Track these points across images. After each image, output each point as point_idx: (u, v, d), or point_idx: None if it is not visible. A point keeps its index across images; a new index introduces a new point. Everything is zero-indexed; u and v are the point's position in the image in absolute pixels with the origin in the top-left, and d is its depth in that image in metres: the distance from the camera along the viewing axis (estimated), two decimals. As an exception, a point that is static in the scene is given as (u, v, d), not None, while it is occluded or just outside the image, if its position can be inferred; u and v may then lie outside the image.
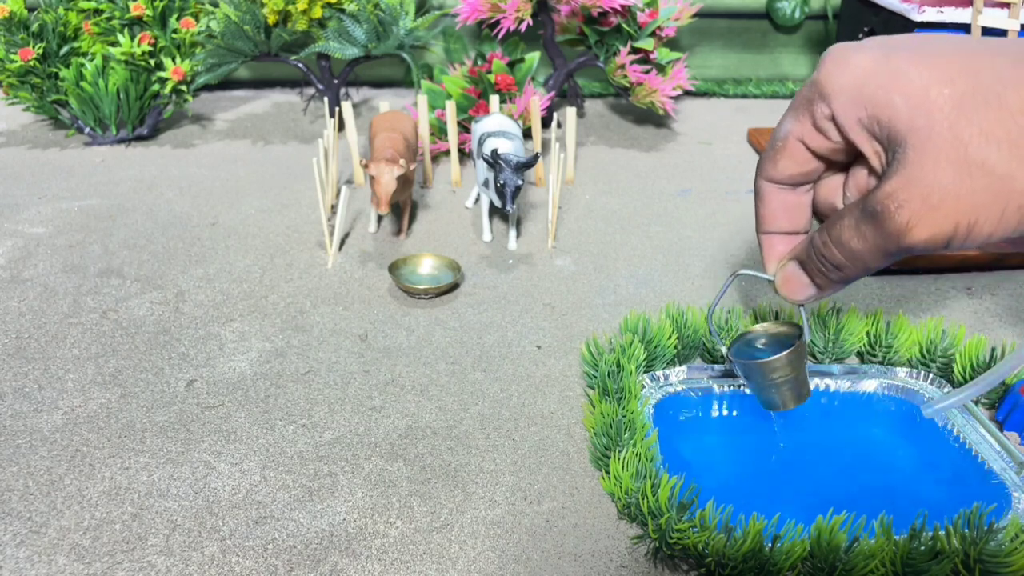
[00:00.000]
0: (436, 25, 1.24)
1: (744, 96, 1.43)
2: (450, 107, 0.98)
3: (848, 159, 0.41)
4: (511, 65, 1.14)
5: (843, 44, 0.37)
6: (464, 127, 1.08)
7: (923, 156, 0.33)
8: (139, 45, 1.08)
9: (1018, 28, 0.82)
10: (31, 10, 1.12)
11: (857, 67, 0.36)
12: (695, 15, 1.19)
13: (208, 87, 1.35)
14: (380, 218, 0.90)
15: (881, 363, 0.66)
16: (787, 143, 0.40)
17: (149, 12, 1.09)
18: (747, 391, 0.64)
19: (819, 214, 0.44)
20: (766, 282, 0.47)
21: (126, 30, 1.09)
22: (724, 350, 0.53)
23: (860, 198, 0.38)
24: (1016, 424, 0.59)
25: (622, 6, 1.08)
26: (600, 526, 0.51)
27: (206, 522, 0.51)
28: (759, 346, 0.54)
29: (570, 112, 0.99)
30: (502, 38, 1.15)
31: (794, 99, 0.40)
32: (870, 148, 0.37)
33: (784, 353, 0.50)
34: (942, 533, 0.46)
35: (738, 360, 0.52)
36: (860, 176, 0.41)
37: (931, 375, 0.64)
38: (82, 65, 1.09)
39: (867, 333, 0.67)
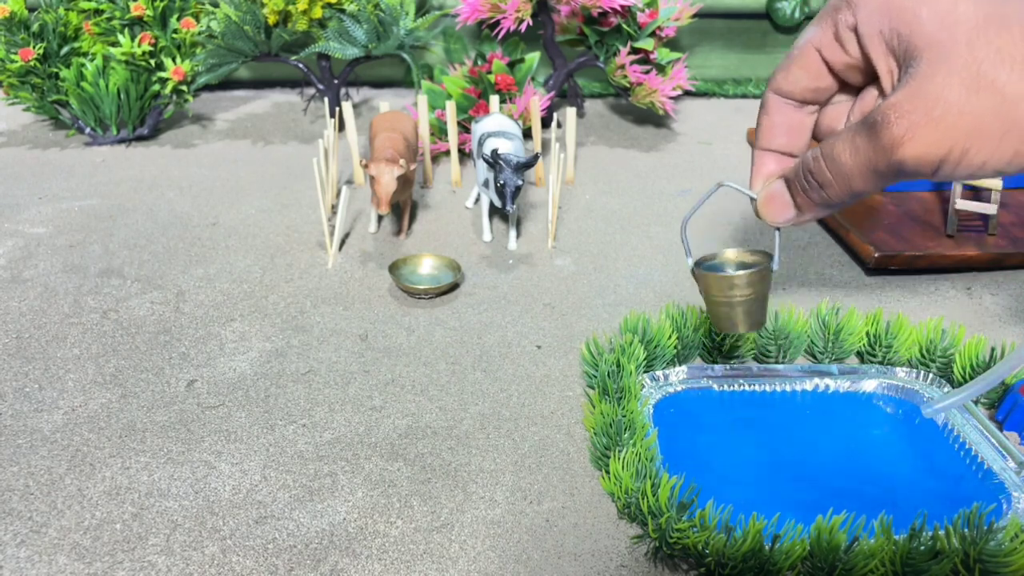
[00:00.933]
0: (436, 25, 1.24)
1: (744, 96, 1.43)
2: (450, 107, 0.98)
3: (859, 82, 0.40)
4: (511, 65, 1.14)
5: None
6: (464, 127, 1.08)
7: (936, 69, 0.33)
8: (139, 45, 1.08)
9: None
10: (32, 10, 1.12)
11: None
12: (695, 15, 1.19)
13: (208, 87, 1.35)
14: (380, 218, 0.90)
15: (881, 363, 0.66)
16: (804, 51, 0.39)
17: (149, 12, 1.09)
18: (747, 389, 0.64)
19: (823, 135, 0.43)
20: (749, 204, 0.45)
21: (126, 30, 1.09)
22: (690, 262, 0.51)
23: (861, 116, 0.37)
24: (1016, 424, 0.59)
25: (622, 6, 1.08)
26: (600, 526, 0.52)
27: (206, 522, 0.51)
28: (726, 267, 0.52)
29: (570, 112, 0.99)
30: (502, 38, 1.15)
31: (821, 10, 0.39)
32: (884, 65, 0.36)
33: (748, 271, 0.48)
34: (942, 533, 0.47)
35: (702, 271, 0.50)
36: (867, 102, 0.40)
37: (931, 375, 0.64)
38: (83, 65, 1.09)
39: (867, 333, 0.67)
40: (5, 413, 0.61)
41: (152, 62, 1.10)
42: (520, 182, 0.79)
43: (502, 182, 0.78)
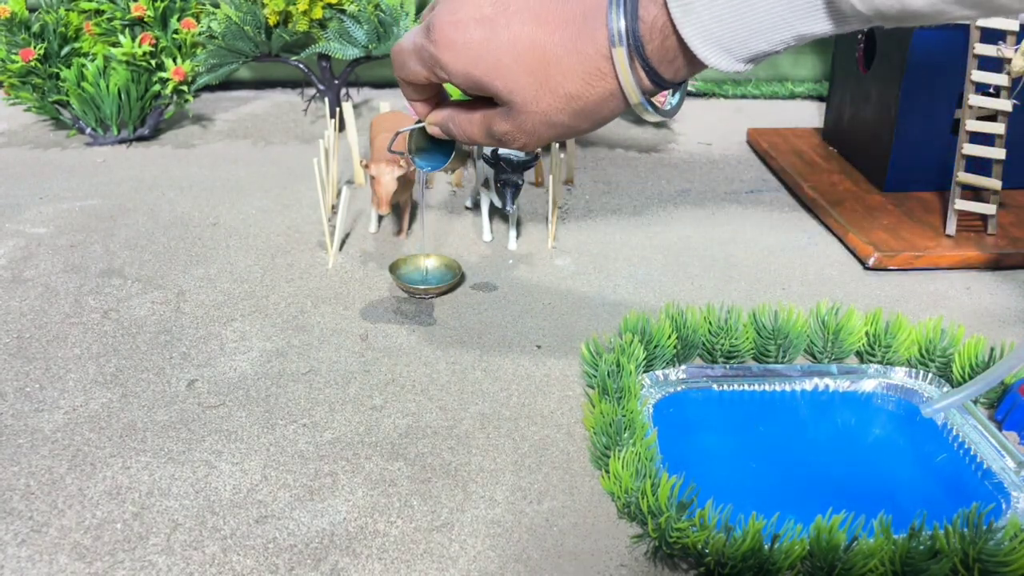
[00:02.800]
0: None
1: (744, 96, 1.43)
2: (450, 107, 0.98)
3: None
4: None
5: (447, 21, 0.41)
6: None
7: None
8: (140, 46, 1.08)
9: (1016, 30, 0.82)
10: (32, 11, 1.12)
11: (469, 44, 0.41)
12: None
13: (209, 87, 1.35)
14: (380, 218, 0.91)
15: (880, 363, 0.66)
16: (407, 74, 0.46)
17: (150, 13, 1.09)
18: (747, 389, 0.64)
19: None
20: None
21: (127, 31, 1.09)
22: (409, 156, 0.57)
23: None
24: (1015, 423, 0.59)
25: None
26: (600, 525, 0.52)
27: (207, 521, 0.51)
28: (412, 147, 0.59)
29: (570, 112, 0.99)
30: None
31: (408, 42, 0.44)
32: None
33: (452, 158, 0.56)
34: (941, 532, 0.47)
35: (422, 166, 0.57)
36: None
37: (930, 375, 0.65)
38: (83, 65, 1.09)
39: (866, 333, 0.67)
40: (6, 413, 0.61)
41: (153, 62, 1.11)
42: (520, 182, 0.79)
43: (502, 182, 0.78)
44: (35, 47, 1.07)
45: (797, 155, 1.09)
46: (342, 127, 1.05)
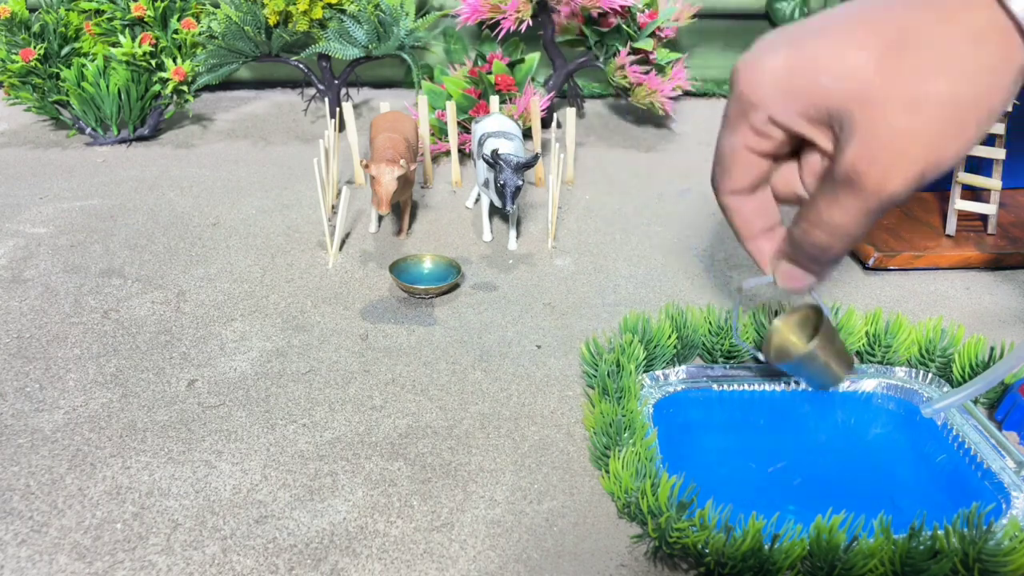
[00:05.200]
0: (436, 26, 1.24)
1: (744, 96, 1.43)
2: (450, 107, 0.99)
3: (796, 147, 0.42)
4: (511, 66, 1.14)
5: (748, 54, 0.38)
6: (464, 127, 1.08)
7: (871, 114, 0.35)
8: (140, 46, 1.08)
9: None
10: (32, 10, 1.12)
11: (774, 69, 0.37)
12: (695, 16, 1.19)
13: (209, 87, 1.35)
14: (380, 218, 0.91)
15: (880, 363, 0.66)
16: (736, 156, 0.41)
17: (150, 13, 1.09)
18: (747, 389, 0.64)
19: (783, 202, 0.45)
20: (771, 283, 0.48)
21: (127, 31, 1.09)
22: (761, 357, 0.55)
23: (824, 177, 0.39)
24: (1015, 423, 0.59)
25: (622, 7, 1.08)
26: (600, 525, 0.52)
27: (207, 521, 0.51)
28: (792, 342, 0.55)
29: (570, 112, 1.00)
30: (502, 39, 1.15)
31: (725, 116, 0.41)
32: (816, 132, 0.38)
33: (816, 339, 0.52)
34: (941, 532, 0.47)
35: (781, 364, 0.54)
36: (812, 161, 0.42)
37: (930, 375, 0.65)
38: (83, 65, 1.09)
39: (866, 333, 0.67)
40: (6, 413, 0.61)
41: (153, 62, 1.11)
42: (520, 182, 0.79)
43: (502, 182, 0.78)
44: (35, 47, 1.07)
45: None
46: (342, 127, 1.05)
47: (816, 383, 0.55)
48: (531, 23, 1.08)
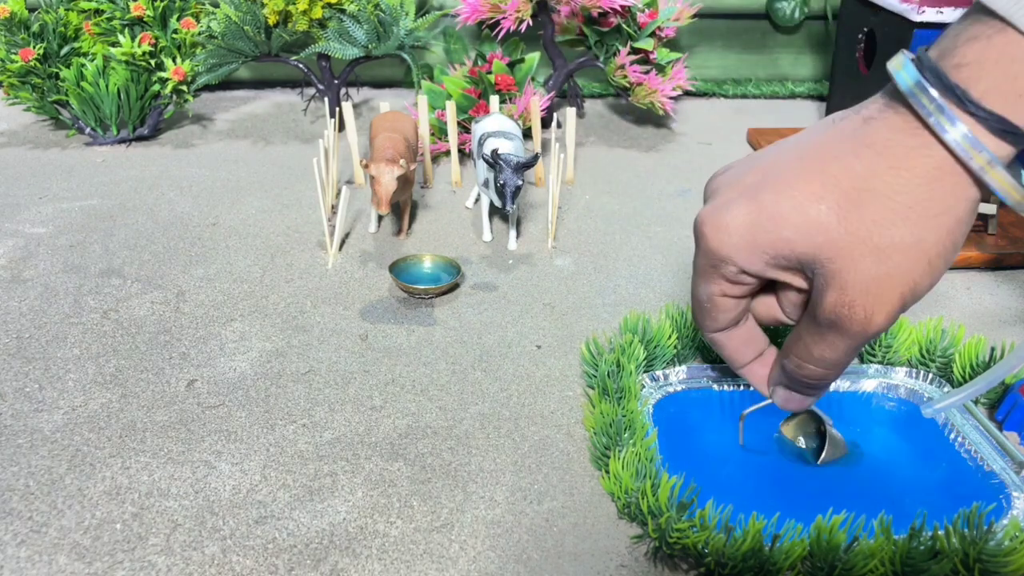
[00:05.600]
0: (436, 25, 1.24)
1: (744, 96, 1.43)
2: (450, 107, 0.98)
3: (771, 282, 0.43)
4: (511, 65, 1.14)
5: (708, 210, 0.40)
6: (464, 127, 1.08)
7: (842, 264, 0.36)
8: (140, 45, 1.08)
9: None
10: (32, 10, 1.12)
11: (737, 225, 0.38)
12: (695, 15, 1.19)
13: (208, 87, 1.35)
14: (380, 218, 0.91)
15: (880, 363, 0.66)
16: (714, 302, 0.43)
17: (150, 12, 1.09)
18: (747, 389, 0.64)
19: (767, 325, 0.47)
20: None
21: (127, 30, 1.09)
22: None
23: (806, 316, 0.40)
24: (1016, 424, 0.59)
25: (622, 6, 1.08)
26: (600, 526, 0.52)
27: (207, 521, 0.51)
28: (797, 442, 0.59)
29: (570, 112, 0.99)
30: (502, 38, 1.15)
31: (696, 267, 0.42)
32: (787, 275, 0.40)
33: (827, 450, 0.56)
34: (941, 533, 0.47)
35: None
36: (789, 294, 0.43)
37: (931, 375, 0.65)
38: (83, 65, 1.09)
39: (867, 333, 0.67)
40: (5, 413, 0.61)
41: (152, 62, 1.10)
42: (520, 182, 0.79)
43: (502, 182, 0.78)
44: (34, 47, 1.07)
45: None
46: (342, 127, 1.05)
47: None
48: (531, 23, 1.08)
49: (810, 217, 0.36)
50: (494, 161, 0.78)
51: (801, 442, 0.58)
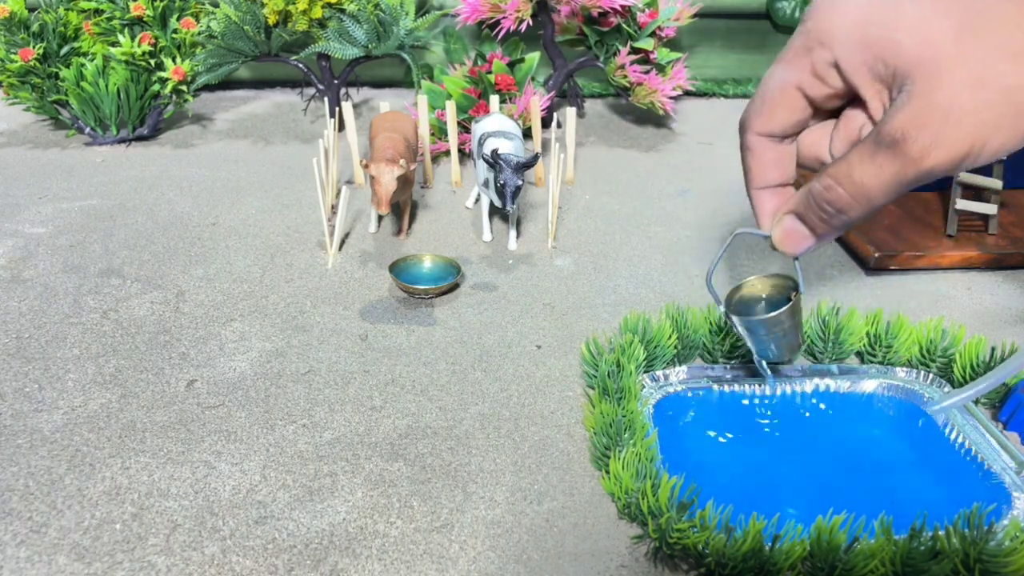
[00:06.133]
0: (436, 25, 1.24)
1: (744, 96, 1.43)
2: (450, 107, 0.98)
3: (839, 106, 0.41)
4: (511, 65, 1.14)
5: None
6: (464, 127, 1.08)
7: (936, 82, 0.35)
8: (139, 45, 1.08)
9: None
10: (31, 10, 1.12)
11: (854, 12, 0.37)
12: (695, 15, 1.19)
13: (208, 87, 1.35)
14: (380, 218, 0.90)
15: (881, 363, 0.66)
16: (784, 94, 0.40)
17: (149, 12, 1.09)
18: (747, 389, 0.64)
19: (803, 166, 0.44)
20: (764, 241, 0.47)
21: (126, 30, 1.09)
22: (722, 309, 0.53)
23: (864, 138, 0.38)
24: (1020, 425, 0.59)
25: (622, 6, 1.08)
26: (600, 526, 0.52)
27: (206, 522, 0.51)
28: (756, 302, 0.54)
29: (570, 112, 0.99)
30: (502, 38, 1.15)
31: (786, 49, 0.40)
32: (872, 90, 0.38)
33: (786, 308, 0.51)
34: (942, 533, 0.47)
35: (741, 318, 0.52)
36: (851, 126, 0.41)
37: (931, 375, 0.64)
38: (82, 65, 1.09)
39: (867, 333, 0.67)
40: (5, 413, 0.61)
41: (152, 62, 1.10)
42: (520, 182, 0.78)
43: (502, 182, 0.78)
44: (34, 47, 1.07)
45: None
46: (342, 127, 1.05)
47: (761, 349, 0.54)
48: (531, 23, 1.08)
49: (930, 28, 0.35)
50: (494, 161, 0.78)
51: (758, 296, 0.54)
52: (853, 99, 0.40)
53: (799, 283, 0.51)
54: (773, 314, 0.51)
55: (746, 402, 0.63)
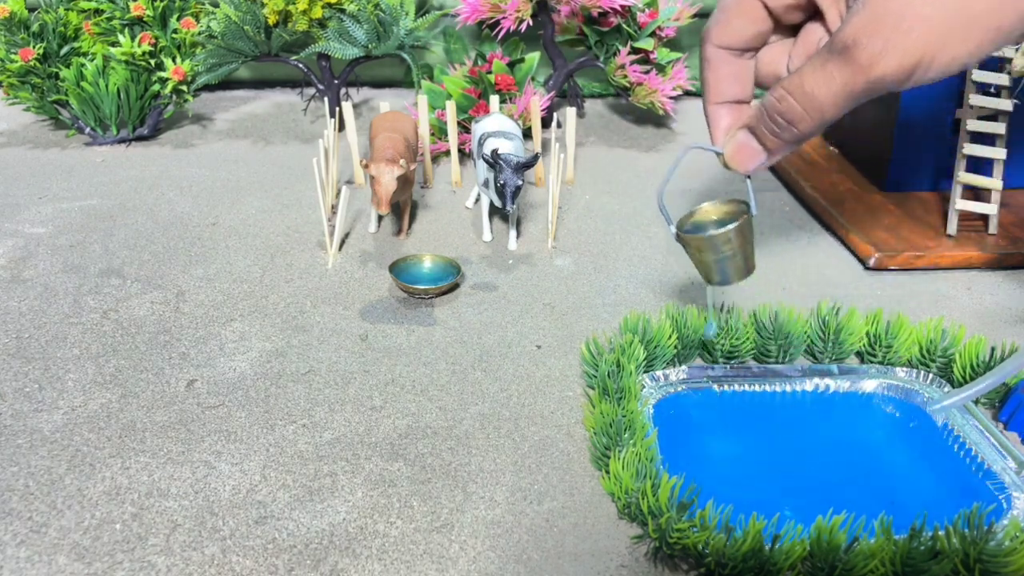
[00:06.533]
0: (436, 25, 1.24)
1: (744, 96, 1.43)
2: (450, 107, 0.98)
3: (797, 20, 0.41)
4: (511, 65, 1.14)
5: None
6: (464, 127, 1.08)
7: None
8: (139, 45, 1.08)
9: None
10: (32, 10, 1.12)
11: None
12: (695, 15, 1.19)
13: (208, 87, 1.35)
14: (380, 218, 0.90)
15: (881, 363, 0.66)
16: (744, 2, 0.40)
17: (149, 12, 1.09)
18: (747, 389, 0.64)
19: (762, 85, 0.44)
20: (717, 159, 0.46)
21: (127, 30, 1.09)
22: (673, 229, 0.53)
23: (823, 47, 0.38)
24: (1020, 425, 0.59)
25: (622, 6, 1.08)
26: (600, 526, 0.52)
27: (206, 522, 0.51)
28: (708, 226, 0.54)
29: (570, 112, 0.99)
30: (502, 38, 1.15)
31: None
32: (830, 0, 0.38)
33: (732, 226, 0.50)
34: (942, 533, 0.46)
35: (688, 235, 0.52)
36: (809, 40, 0.41)
37: (931, 375, 0.64)
38: (83, 65, 1.09)
39: (867, 333, 0.67)
40: (5, 413, 0.61)
41: (152, 62, 1.10)
42: (520, 182, 0.79)
43: (502, 182, 0.78)
44: (34, 47, 1.07)
45: (797, 155, 1.09)
46: (342, 127, 1.05)
47: (711, 274, 0.53)
48: (531, 23, 1.08)
49: None
50: (494, 161, 0.78)
51: (710, 220, 0.54)
52: (814, 13, 0.40)
53: (751, 205, 0.50)
54: (721, 231, 0.50)
55: (746, 402, 0.63)
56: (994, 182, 0.84)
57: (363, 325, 0.73)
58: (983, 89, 0.85)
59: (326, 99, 1.11)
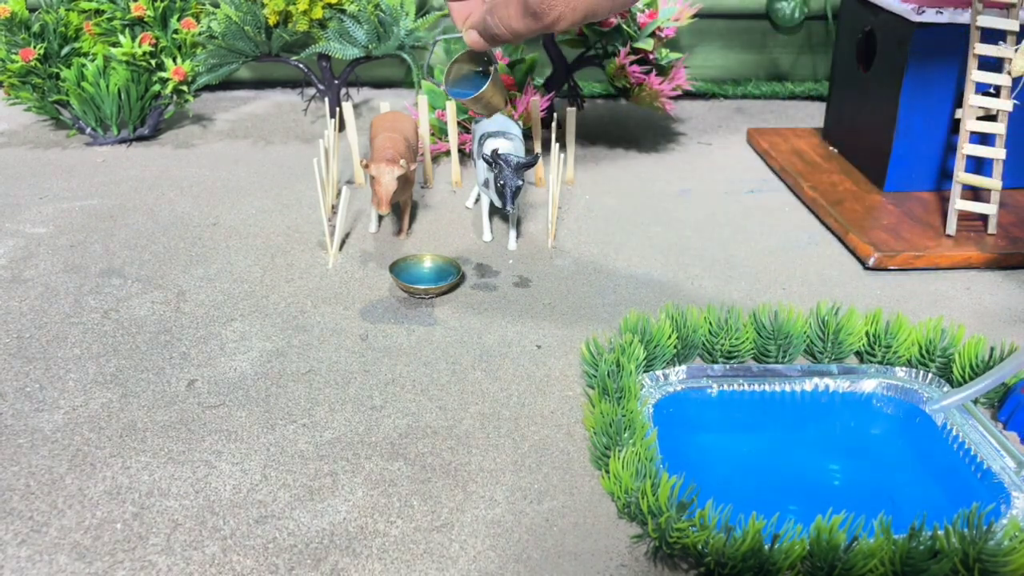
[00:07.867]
0: (436, 25, 1.24)
1: (744, 96, 1.43)
2: (450, 107, 0.99)
3: None
4: (511, 65, 1.14)
5: None
6: (464, 127, 1.08)
7: None
8: (140, 45, 1.08)
9: (1017, 30, 0.82)
10: (32, 10, 1.12)
11: None
12: (695, 16, 1.19)
13: (209, 87, 1.35)
14: (380, 218, 0.91)
15: (880, 363, 0.66)
16: None
17: (150, 13, 1.09)
18: (747, 389, 0.64)
19: None
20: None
21: (127, 30, 1.09)
22: (445, 88, 0.61)
23: None
24: (1019, 424, 0.59)
25: (622, 6, 1.08)
26: (600, 525, 0.52)
27: (207, 521, 0.51)
28: (467, 73, 0.63)
29: (570, 112, 0.99)
30: (502, 38, 1.15)
31: None
32: None
33: (485, 88, 0.60)
34: (941, 532, 0.47)
35: (454, 89, 0.61)
36: None
37: (930, 375, 0.65)
38: (83, 65, 1.09)
39: (867, 333, 0.67)
40: (6, 413, 0.61)
41: (153, 62, 1.11)
42: (520, 182, 0.79)
43: (502, 182, 0.78)
44: (35, 47, 1.07)
45: (797, 155, 1.09)
46: (342, 127, 1.05)
47: (479, 108, 0.62)
48: (531, 23, 1.08)
49: None
50: (494, 161, 0.78)
51: (468, 73, 0.62)
52: None
53: (494, 60, 0.61)
54: (479, 92, 0.60)
55: (746, 402, 0.63)
56: (993, 182, 0.85)
57: (363, 325, 0.73)
58: (983, 89, 0.85)
59: (326, 99, 1.12)
